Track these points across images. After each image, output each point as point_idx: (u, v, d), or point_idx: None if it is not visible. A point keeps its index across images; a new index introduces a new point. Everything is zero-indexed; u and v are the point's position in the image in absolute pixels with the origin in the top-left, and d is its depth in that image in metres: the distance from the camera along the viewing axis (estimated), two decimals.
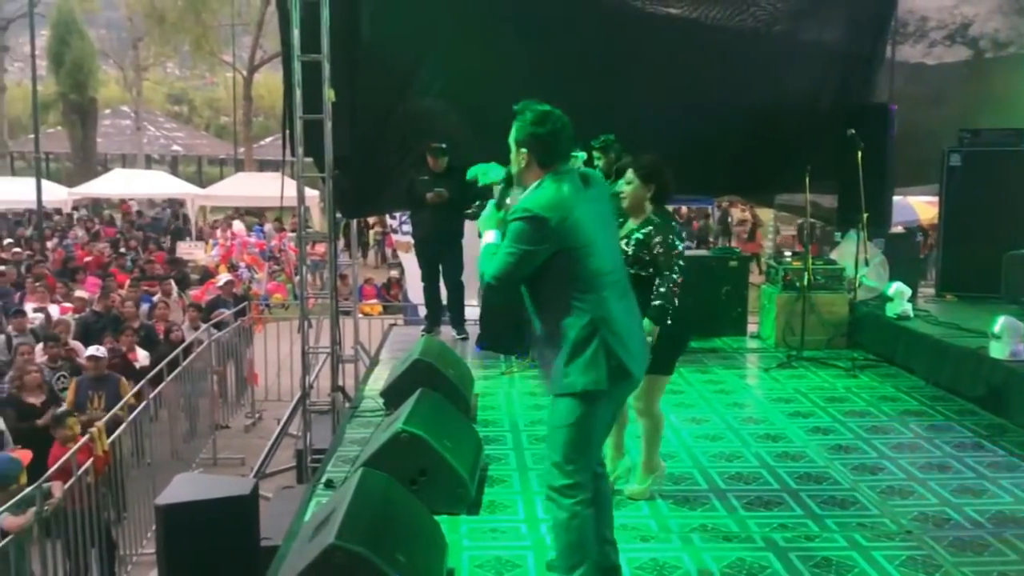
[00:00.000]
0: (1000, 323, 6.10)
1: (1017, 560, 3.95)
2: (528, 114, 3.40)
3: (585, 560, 3.36)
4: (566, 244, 3.27)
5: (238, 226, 24.03)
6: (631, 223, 4.46)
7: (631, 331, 3.42)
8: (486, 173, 3.62)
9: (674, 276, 4.31)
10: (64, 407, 7.03)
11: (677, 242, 4.37)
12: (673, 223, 4.50)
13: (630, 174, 4.44)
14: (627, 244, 4.34)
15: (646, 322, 4.00)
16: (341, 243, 9.41)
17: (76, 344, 10.15)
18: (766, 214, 21.25)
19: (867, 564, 3.91)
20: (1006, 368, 5.97)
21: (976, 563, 3.92)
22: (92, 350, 8.96)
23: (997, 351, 6.09)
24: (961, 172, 8.35)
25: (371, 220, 23.41)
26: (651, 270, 4.32)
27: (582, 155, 7.64)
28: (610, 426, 3.58)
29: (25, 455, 6.51)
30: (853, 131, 7.46)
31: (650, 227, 4.36)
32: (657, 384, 4.46)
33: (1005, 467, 5.10)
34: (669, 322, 4.26)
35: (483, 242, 3.46)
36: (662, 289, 4.27)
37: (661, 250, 4.30)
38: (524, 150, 3.38)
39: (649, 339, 3.98)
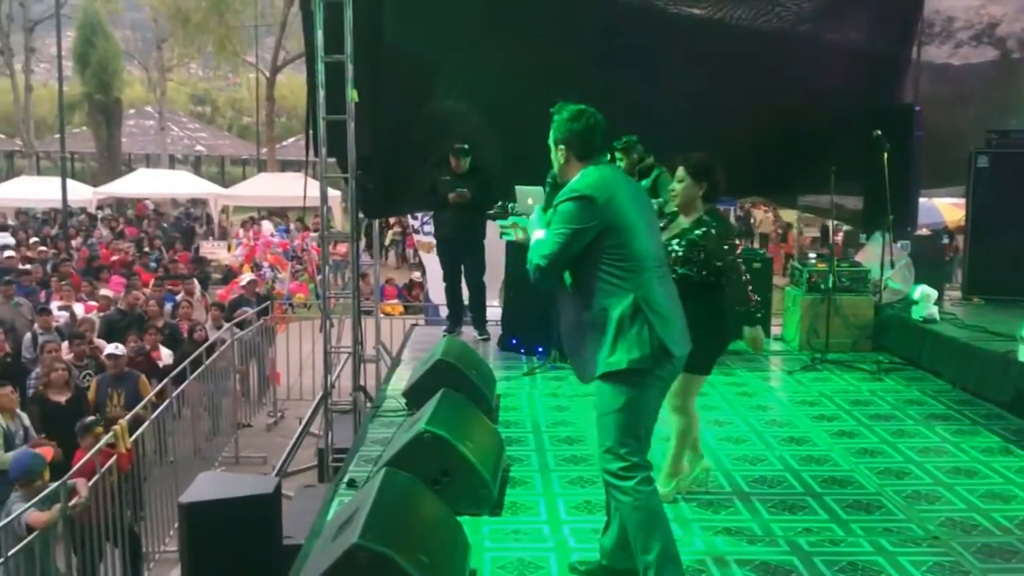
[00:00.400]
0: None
1: None
2: (564, 112, 3.60)
3: (659, 540, 3.40)
4: (612, 223, 3.41)
5: (266, 226, 24.12)
6: (682, 221, 4.40)
7: (673, 313, 3.50)
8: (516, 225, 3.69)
9: (744, 276, 4.28)
10: (90, 418, 7.01)
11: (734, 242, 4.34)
12: (726, 220, 4.43)
13: (681, 172, 4.40)
14: (678, 243, 4.29)
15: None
16: (363, 243, 9.44)
17: (101, 342, 10.24)
18: (789, 215, 21.12)
19: (893, 569, 3.87)
20: None
21: (1005, 570, 3.87)
22: (111, 348, 9.03)
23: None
24: (988, 173, 8.26)
25: (390, 221, 23.45)
26: (704, 273, 4.25)
27: (605, 155, 7.64)
28: (658, 411, 3.58)
29: (48, 451, 6.56)
30: (879, 132, 7.39)
31: (705, 228, 4.27)
32: (694, 383, 4.44)
33: None
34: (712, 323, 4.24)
35: (532, 239, 3.59)
36: (745, 290, 4.26)
37: (726, 251, 4.28)
38: (563, 147, 3.59)
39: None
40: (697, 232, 4.27)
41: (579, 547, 4.11)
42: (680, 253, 4.27)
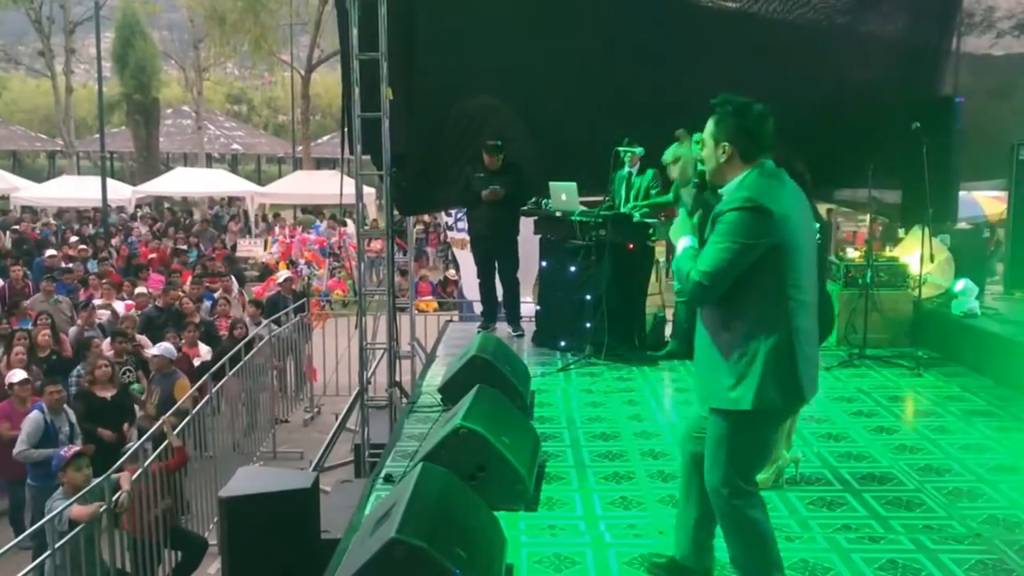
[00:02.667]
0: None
1: None
2: (729, 106, 3.26)
3: (770, 567, 3.29)
4: (783, 241, 3.11)
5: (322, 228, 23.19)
6: None
7: (816, 353, 3.30)
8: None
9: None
10: (75, 449, 6.94)
11: None
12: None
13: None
14: None
15: None
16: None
17: (143, 339, 10.40)
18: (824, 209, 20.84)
19: (934, 567, 3.83)
20: None
21: None
22: (155, 349, 9.19)
23: None
24: None
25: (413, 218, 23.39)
26: None
27: (640, 149, 7.62)
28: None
29: (87, 449, 6.68)
30: (918, 124, 7.28)
31: None
32: None
33: None
34: None
35: (679, 248, 3.35)
36: None
37: None
38: (726, 144, 3.24)
39: None
40: None
41: (615, 543, 4.11)
42: None
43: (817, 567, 3.86)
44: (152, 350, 9.34)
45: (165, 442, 7.05)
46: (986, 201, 17.39)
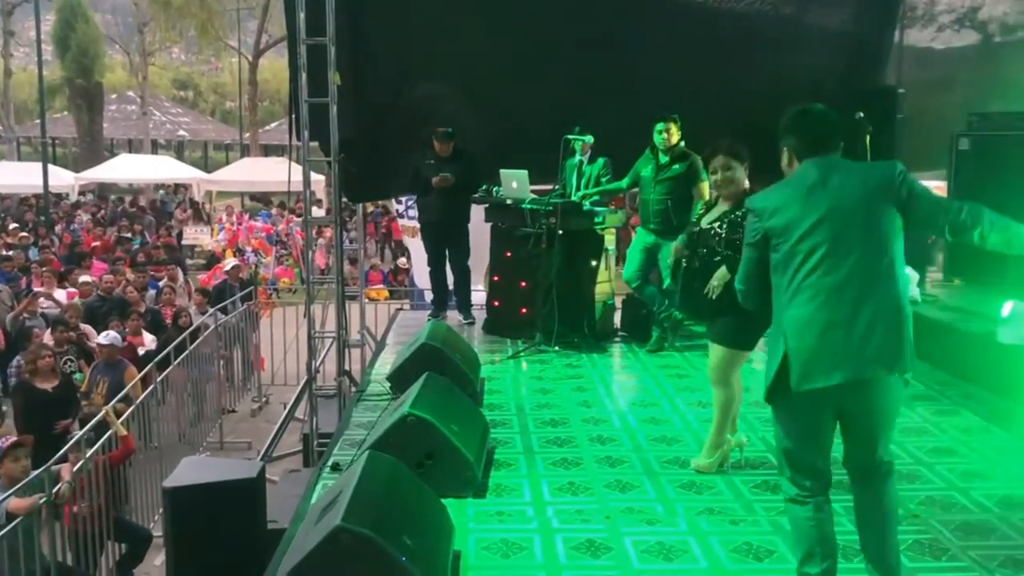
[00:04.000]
0: (1008, 307, 6.07)
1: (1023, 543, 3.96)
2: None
3: (810, 560, 3.36)
4: (768, 231, 3.41)
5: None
6: (722, 206, 4.64)
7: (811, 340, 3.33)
8: None
9: None
10: (17, 439, 6.76)
11: None
12: None
13: (724, 160, 4.58)
14: (720, 225, 4.52)
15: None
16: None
17: (87, 328, 10.18)
18: None
19: None
20: (1014, 352, 5.94)
21: (982, 547, 3.91)
22: (103, 337, 9.01)
23: (1006, 336, 6.06)
24: (970, 156, 8.29)
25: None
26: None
27: (590, 138, 7.64)
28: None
29: (25, 439, 6.51)
30: (861, 114, 7.40)
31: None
32: (738, 358, 4.65)
33: (1012, 451, 5.09)
34: None
35: None
36: None
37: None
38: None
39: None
40: (738, 213, 4.38)
41: (562, 528, 4.14)
42: (724, 234, 4.45)
43: (761, 550, 3.92)
44: (99, 339, 9.15)
45: (109, 432, 6.91)
46: None
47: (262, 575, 3.79)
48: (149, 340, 10.22)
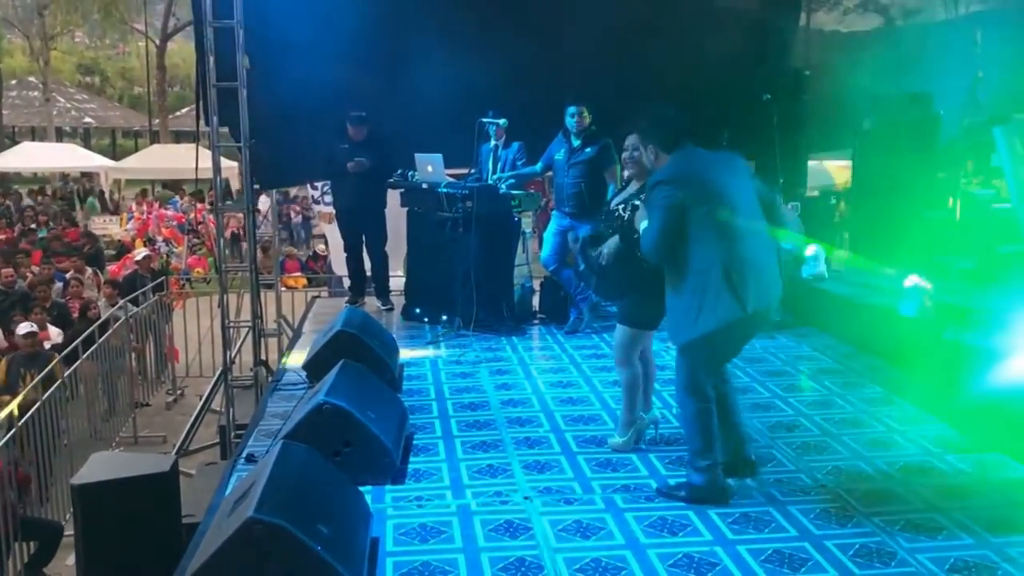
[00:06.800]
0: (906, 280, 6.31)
1: (923, 507, 4.12)
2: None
3: (711, 447, 4.16)
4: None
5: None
6: (632, 187, 4.81)
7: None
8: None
9: None
10: None
11: None
12: None
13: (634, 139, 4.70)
14: (623, 208, 4.60)
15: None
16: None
17: None
18: None
19: (783, 518, 4.03)
20: (914, 325, 6.17)
21: (886, 512, 4.06)
22: (25, 327, 8.70)
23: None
24: (872, 136, 8.55)
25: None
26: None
27: (504, 121, 7.63)
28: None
29: None
30: (769, 96, 7.57)
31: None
32: (639, 337, 4.75)
33: (913, 420, 5.29)
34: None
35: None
36: None
37: None
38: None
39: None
40: (642, 197, 4.40)
41: (481, 510, 4.15)
42: (627, 216, 4.47)
43: (676, 524, 4.00)
44: (20, 329, 8.84)
45: (12, 432, 6.66)
46: (836, 170, 18.24)
47: (177, 570, 3.71)
48: (55, 334, 9.89)
